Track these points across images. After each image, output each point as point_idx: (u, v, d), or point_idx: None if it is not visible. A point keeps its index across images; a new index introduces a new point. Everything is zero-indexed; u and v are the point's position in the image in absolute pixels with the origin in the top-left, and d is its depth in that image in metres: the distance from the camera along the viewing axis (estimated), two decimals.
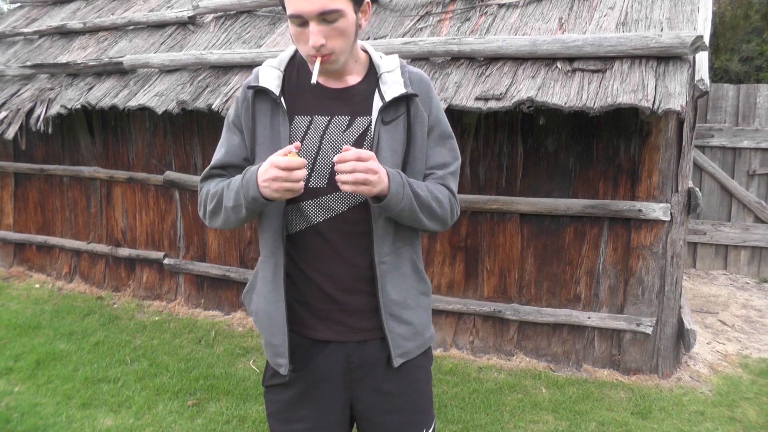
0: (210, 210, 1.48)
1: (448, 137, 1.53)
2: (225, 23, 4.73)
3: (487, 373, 3.62)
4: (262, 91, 1.44)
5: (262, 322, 1.50)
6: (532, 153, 3.68)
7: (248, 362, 3.79)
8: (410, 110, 1.45)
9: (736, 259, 5.77)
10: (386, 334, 1.48)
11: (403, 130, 1.44)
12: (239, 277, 4.50)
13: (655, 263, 3.49)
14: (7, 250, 5.77)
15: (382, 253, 1.45)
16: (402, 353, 1.50)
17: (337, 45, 1.34)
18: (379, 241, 1.44)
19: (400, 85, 1.44)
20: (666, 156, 3.42)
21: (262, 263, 1.50)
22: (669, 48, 3.07)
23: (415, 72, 1.51)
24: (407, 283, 1.51)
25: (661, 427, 3.04)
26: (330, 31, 1.32)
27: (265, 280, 1.48)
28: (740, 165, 5.68)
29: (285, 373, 1.47)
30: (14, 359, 3.80)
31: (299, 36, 1.34)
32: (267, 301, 1.48)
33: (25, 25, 5.99)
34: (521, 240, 3.75)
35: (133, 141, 4.89)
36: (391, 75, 1.45)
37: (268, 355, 1.52)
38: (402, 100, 1.44)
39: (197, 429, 3.02)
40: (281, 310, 1.45)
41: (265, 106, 1.44)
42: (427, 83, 1.51)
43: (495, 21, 3.74)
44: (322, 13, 1.29)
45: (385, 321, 1.47)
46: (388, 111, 1.43)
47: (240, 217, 1.41)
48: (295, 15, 1.31)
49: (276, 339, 1.47)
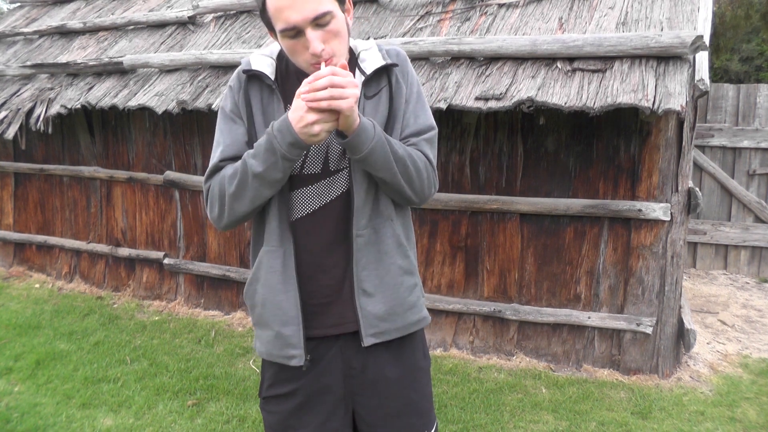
0: (231, 194, 1.37)
1: (422, 106, 1.49)
2: (225, 23, 4.73)
3: (487, 373, 3.62)
4: (255, 77, 1.43)
5: (270, 314, 1.43)
6: (532, 153, 3.68)
7: (248, 362, 3.79)
8: (391, 82, 1.44)
9: (736, 259, 5.77)
10: (357, 311, 1.43)
11: (386, 102, 1.43)
12: (239, 277, 4.50)
13: (655, 263, 3.49)
14: (7, 250, 5.77)
15: (359, 226, 1.41)
16: (375, 333, 1.43)
17: (336, 46, 1.33)
18: (358, 213, 1.40)
19: (379, 59, 1.44)
20: (666, 156, 3.42)
21: (267, 254, 1.43)
22: (669, 48, 3.07)
23: (391, 48, 1.50)
24: (386, 260, 1.44)
25: (661, 427, 3.04)
26: (326, 34, 1.31)
27: (272, 270, 1.42)
28: (740, 165, 5.68)
29: (300, 365, 1.42)
30: (14, 359, 3.80)
31: (294, 47, 1.33)
32: (276, 291, 1.42)
33: (25, 24, 5.99)
34: (521, 240, 3.75)
35: (133, 141, 4.89)
36: (368, 52, 1.46)
37: (274, 349, 1.45)
38: (383, 73, 1.44)
39: (197, 429, 3.02)
40: (293, 299, 1.41)
41: (257, 93, 1.43)
42: (404, 57, 1.49)
43: (495, 21, 3.74)
44: (315, 18, 1.28)
45: (357, 297, 1.42)
46: (370, 85, 1.43)
47: (275, 178, 1.33)
48: (288, 28, 1.29)
49: (288, 329, 1.41)
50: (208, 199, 1.44)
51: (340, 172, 1.42)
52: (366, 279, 1.43)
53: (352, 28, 1.71)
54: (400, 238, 1.47)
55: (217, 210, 1.41)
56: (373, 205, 1.43)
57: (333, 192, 1.42)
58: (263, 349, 1.48)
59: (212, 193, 1.42)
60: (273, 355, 1.46)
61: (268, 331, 1.45)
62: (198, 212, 4.66)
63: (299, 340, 1.41)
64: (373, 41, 1.51)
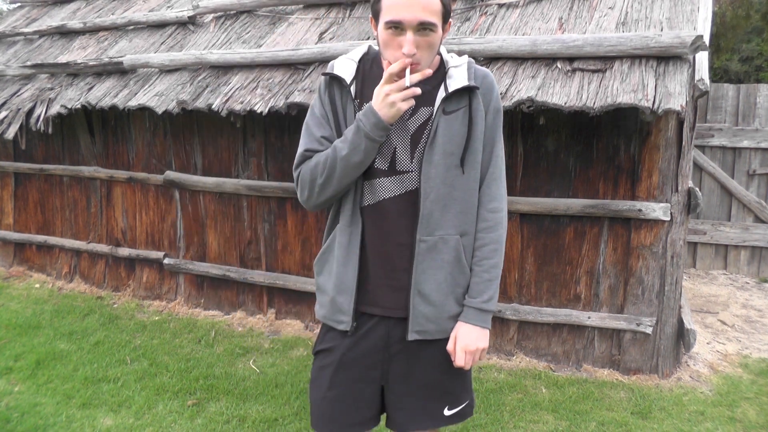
0: (326, 176, 1.55)
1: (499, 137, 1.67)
2: (225, 23, 4.73)
3: (487, 372, 3.62)
4: (335, 78, 1.61)
5: (332, 282, 1.64)
6: (532, 153, 3.68)
7: (248, 362, 3.79)
8: (472, 103, 1.57)
9: (736, 259, 5.77)
10: (409, 309, 1.60)
11: (463, 120, 1.56)
12: (239, 277, 4.50)
13: (655, 263, 3.49)
14: (7, 249, 5.78)
15: (423, 233, 1.57)
16: (419, 330, 1.61)
17: (425, 56, 1.49)
18: (423, 221, 1.57)
19: (464, 79, 1.57)
20: (666, 156, 3.42)
21: (340, 230, 1.63)
22: (669, 48, 3.07)
23: (480, 70, 1.63)
24: (444, 269, 1.60)
25: (661, 427, 3.04)
26: (422, 41, 1.46)
27: (340, 245, 1.62)
28: (740, 165, 5.68)
29: (347, 329, 1.62)
30: (14, 359, 3.80)
31: (390, 42, 1.48)
32: (340, 263, 1.62)
33: (25, 25, 5.99)
34: (521, 240, 3.76)
35: (133, 141, 4.89)
36: (457, 70, 1.60)
37: (329, 314, 1.65)
38: (465, 92, 1.57)
39: (197, 429, 3.02)
40: (352, 273, 1.60)
41: (338, 92, 1.61)
42: (490, 82, 1.62)
43: (495, 21, 3.74)
44: (421, 23, 1.44)
45: (412, 297, 1.60)
46: (450, 102, 1.56)
47: (357, 160, 1.52)
48: (395, 21, 1.44)
49: (342, 297, 1.62)
50: (299, 184, 1.63)
51: (407, 174, 1.58)
52: (424, 282, 1.59)
53: (354, 27, 1.79)
54: (461, 254, 1.62)
55: (307, 192, 1.61)
56: (442, 217, 1.58)
57: (398, 189, 1.58)
58: (321, 312, 1.70)
59: (303, 178, 1.61)
60: (327, 318, 1.68)
61: (326, 296, 1.67)
62: (198, 212, 4.66)
63: (350, 309, 1.61)
64: (466, 58, 1.64)
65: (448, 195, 1.57)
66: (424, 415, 1.67)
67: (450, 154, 1.55)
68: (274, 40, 4.29)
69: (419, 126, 1.57)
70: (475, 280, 1.64)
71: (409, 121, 1.56)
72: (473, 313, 1.62)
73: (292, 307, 4.43)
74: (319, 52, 3.84)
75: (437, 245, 1.58)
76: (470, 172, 1.59)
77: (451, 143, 1.55)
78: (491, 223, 1.64)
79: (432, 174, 1.55)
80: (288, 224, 4.35)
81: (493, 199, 1.64)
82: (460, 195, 1.59)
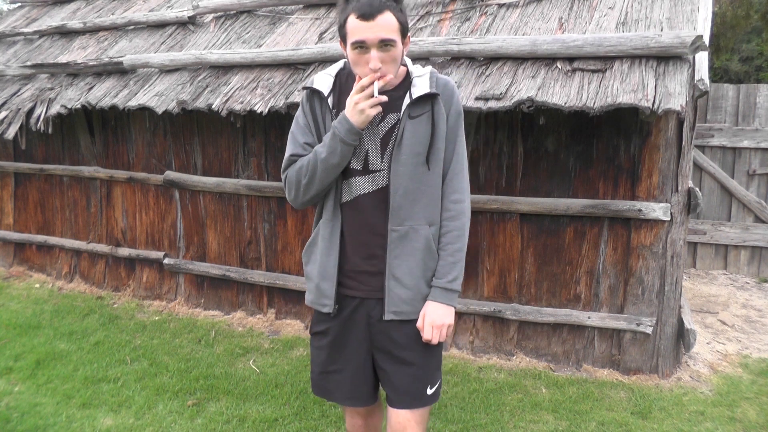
0: (309, 177, 1.78)
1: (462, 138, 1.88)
2: (225, 23, 4.73)
3: (487, 372, 3.62)
4: (315, 92, 1.84)
5: (317, 270, 1.88)
6: (532, 153, 3.68)
7: (248, 362, 3.79)
8: (434, 108, 1.78)
9: (736, 259, 5.77)
10: (385, 291, 1.82)
11: (427, 123, 1.77)
12: (239, 277, 4.50)
13: (655, 263, 3.49)
14: (7, 249, 5.78)
15: (394, 223, 1.80)
16: (395, 311, 1.82)
17: (390, 69, 1.71)
18: (393, 213, 1.79)
19: (426, 86, 1.79)
20: (666, 156, 3.42)
21: (323, 224, 1.87)
22: (669, 48, 3.07)
23: (442, 78, 1.84)
24: (415, 255, 1.80)
25: (661, 427, 3.04)
26: (386, 56, 1.68)
27: (323, 237, 1.86)
28: (740, 165, 5.68)
29: (330, 312, 1.86)
30: (14, 359, 3.80)
31: (358, 60, 1.70)
32: (323, 253, 1.86)
33: (25, 25, 5.99)
34: (521, 240, 3.75)
35: (133, 141, 4.89)
36: (421, 79, 1.81)
37: (315, 298, 1.90)
38: (427, 99, 1.77)
39: (197, 429, 3.02)
40: (333, 261, 1.84)
41: (317, 104, 1.84)
42: (450, 89, 1.83)
43: (495, 21, 3.74)
44: (382, 41, 1.65)
45: (387, 280, 1.82)
46: (415, 107, 1.77)
47: (334, 162, 1.75)
48: (359, 41, 1.66)
49: (325, 284, 1.86)
50: (287, 185, 1.86)
51: (379, 173, 1.80)
52: (397, 267, 1.81)
53: None
54: (431, 242, 1.82)
55: (294, 192, 1.85)
56: (411, 209, 1.79)
57: (372, 186, 1.81)
58: (309, 297, 1.94)
59: (289, 180, 1.85)
60: (313, 303, 1.92)
61: (312, 283, 1.91)
62: (198, 212, 4.67)
63: (332, 294, 1.85)
64: (429, 68, 1.86)
65: (416, 190, 1.78)
66: (408, 395, 1.86)
67: (416, 154, 1.76)
68: (274, 40, 4.29)
69: (388, 130, 1.78)
70: (441, 263, 1.83)
71: (379, 126, 1.78)
72: (439, 293, 1.83)
73: (292, 307, 4.43)
74: (319, 52, 3.84)
75: (408, 234, 1.79)
76: (435, 169, 1.80)
77: (417, 144, 1.76)
78: (454, 213, 1.83)
79: (400, 171, 1.77)
80: (288, 224, 4.35)
81: (455, 191, 1.84)
82: (427, 189, 1.80)
